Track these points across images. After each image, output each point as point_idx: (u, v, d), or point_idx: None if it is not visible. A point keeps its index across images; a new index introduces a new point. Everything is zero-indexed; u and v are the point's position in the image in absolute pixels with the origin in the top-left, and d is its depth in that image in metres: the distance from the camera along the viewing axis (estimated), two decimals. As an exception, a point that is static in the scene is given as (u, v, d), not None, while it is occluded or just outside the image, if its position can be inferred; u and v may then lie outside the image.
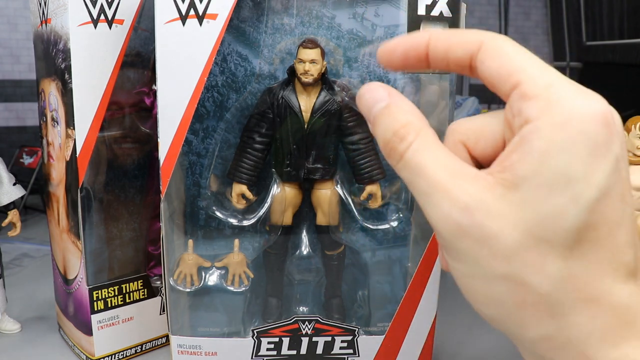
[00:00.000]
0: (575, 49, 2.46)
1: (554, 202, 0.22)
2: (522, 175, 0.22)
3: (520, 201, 0.22)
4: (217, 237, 0.70)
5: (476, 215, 0.23)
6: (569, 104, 0.22)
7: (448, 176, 0.24)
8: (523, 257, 0.22)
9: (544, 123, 0.22)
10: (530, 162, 0.22)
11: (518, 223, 0.22)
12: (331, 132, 0.67)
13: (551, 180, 0.22)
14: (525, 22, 2.68)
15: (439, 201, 0.24)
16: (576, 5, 2.37)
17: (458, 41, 0.26)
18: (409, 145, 0.25)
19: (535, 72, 0.23)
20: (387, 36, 0.66)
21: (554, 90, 0.23)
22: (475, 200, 0.23)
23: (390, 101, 0.27)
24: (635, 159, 0.82)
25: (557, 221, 0.22)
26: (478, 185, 0.23)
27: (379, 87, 0.28)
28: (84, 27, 0.67)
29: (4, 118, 2.05)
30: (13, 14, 2.00)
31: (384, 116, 0.26)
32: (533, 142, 0.22)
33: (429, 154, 0.25)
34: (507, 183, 0.23)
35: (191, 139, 0.67)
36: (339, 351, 0.69)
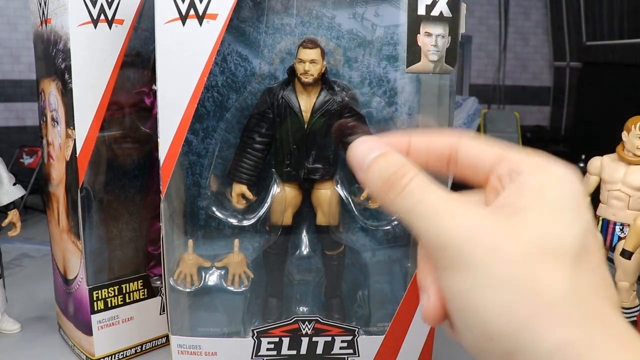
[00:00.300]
0: (575, 49, 2.46)
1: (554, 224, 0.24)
2: (522, 205, 0.25)
3: (523, 223, 0.25)
4: (217, 237, 0.70)
5: (486, 230, 0.25)
6: (553, 165, 0.26)
7: (451, 202, 0.26)
8: (534, 263, 0.24)
9: (538, 172, 0.26)
10: (529, 195, 0.25)
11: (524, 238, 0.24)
12: (331, 132, 0.67)
13: (549, 207, 0.25)
14: (525, 22, 2.68)
15: (448, 219, 0.26)
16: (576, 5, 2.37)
17: (439, 138, 0.30)
18: (412, 179, 0.28)
19: (514, 150, 0.28)
20: (387, 36, 0.66)
21: (537, 157, 0.27)
22: (480, 218, 0.25)
23: (387, 150, 0.29)
24: (635, 159, 0.82)
25: (560, 238, 0.24)
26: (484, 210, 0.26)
27: (370, 140, 0.30)
28: (84, 27, 0.67)
29: (4, 118, 2.05)
30: (13, 14, 1.99)
31: (381, 161, 0.29)
32: (530, 182, 0.26)
33: (431, 187, 0.27)
34: (507, 211, 0.25)
35: (191, 139, 0.67)
36: (339, 351, 0.69)
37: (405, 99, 0.68)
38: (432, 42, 0.61)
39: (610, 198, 0.85)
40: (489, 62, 2.68)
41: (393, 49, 0.66)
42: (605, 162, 0.86)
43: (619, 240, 0.84)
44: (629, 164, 0.83)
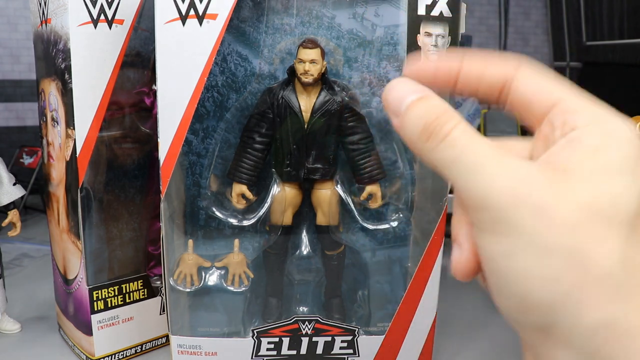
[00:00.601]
0: (575, 49, 2.46)
1: (608, 185, 0.22)
2: (575, 162, 0.23)
3: (574, 182, 0.23)
4: (217, 237, 0.70)
5: (535, 186, 0.23)
6: (614, 121, 0.24)
7: (500, 152, 0.24)
8: (584, 229, 0.22)
9: (595, 128, 0.23)
10: (582, 154, 0.23)
11: (576, 199, 0.22)
12: (331, 132, 0.67)
13: (605, 169, 0.23)
14: (525, 22, 2.68)
15: (493, 172, 0.23)
16: (576, 5, 2.37)
17: (495, 63, 0.27)
18: (454, 126, 0.25)
19: (575, 93, 0.25)
20: (387, 36, 0.66)
21: (597, 108, 0.24)
22: (529, 172, 0.23)
23: (427, 93, 0.27)
24: (635, 159, 0.82)
25: (614, 203, 0.22)
26: (533, 164, 0.24)
27: (411, 82, 0.27)
28: (84, 27, 0.67)
29: (4, 118, 2.05)
30: (13, 14, 1.99)
31: (421, 105, 0.26)
32: (585, 140, 0.23)
33: (476, 137, 0.25)
34: (559, 168, 0.23)
35: (191, 139, 0.67)
36: (339, 351, 0.69)
37: (405, 99, 0.68)
38: (432, 42, 0.61)
39: (610, 198, 0.85)
40: (489, 62, 2.67)
41: (393, 49, 0.66)
42: (605, 162, 0.86)
43: (619, 240, 0.84)
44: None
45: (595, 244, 0.22)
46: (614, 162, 0.23)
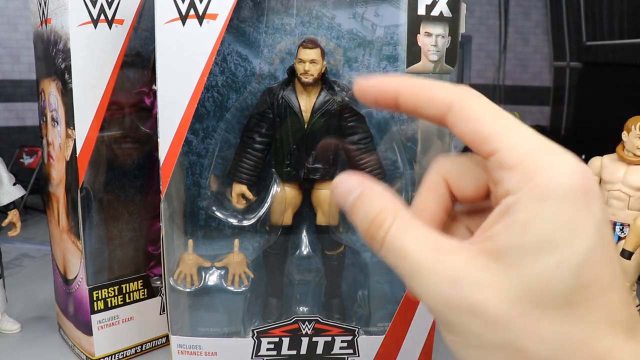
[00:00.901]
0: (575, 49, 2.46)
1: (540, 268, 0.22)
2: (506, 245, 0.23)
3: (505, 270, 0.23)
4: (217, 237, 0.70)
5: (464, 288, 0.23)
6: (547, 174, 0.22)
7: (430, 253, 0.24)
8: (516, 324, 0.22)
9: (525, 195, 0.22)
10: (513, 232, 0.23)
11: (506, 291, 0.22)
12: (331, 132, 0.67)
13: (535, 248, 0.22)
14: (525, 22, 2.68)
15: (426, 279, 0.24)
16: (576, 5, 2.37)
17: (427, 99, 0.26)
18: (387, 230, 0.25)
19: (510, 139, 0.24)
20: (387, 36, 0.66)
21: (531, 159, 0.23)
22: (460, 273, 0.23)
23: (363, 189, 0.27)
24: (635, 159, 0.82)
25: (545, 286, 0.22)
26: (461, 257, 0.24)
27: (349, 178, 0.28)
28: (84, 27, 0.67)
29: (4, 118, 2.05)
30: (13, 14, 2.00)
31: (359, 205, 0.27)
32: (515, 214, 0.22)
33: (408, 235, 0.25)
34: (490, 253, 0.23)
35: (191, 139, 0.67)
36: (339, 351, 0.69)
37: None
38: (432, 42, 0.61)
39: (610, 198, 0.85)
40: (489, 62, 2.68)
41: (393, 49, 0.66)
42: (605, 162, 0.86)
43: (619, 240, 0.84)
44: (629, 164, 0.83)
45: (529, 336, 0.22)
46: (545, 237, 0.22)
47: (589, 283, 0.22)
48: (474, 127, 0.24)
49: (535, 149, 0.23)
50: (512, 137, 0.23)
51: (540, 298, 0.22)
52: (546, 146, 0.23)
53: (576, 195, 0.22)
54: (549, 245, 0.22)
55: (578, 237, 0.22)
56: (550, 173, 0.22)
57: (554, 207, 0.22)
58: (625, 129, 0.83)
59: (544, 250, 0.22)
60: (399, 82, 0.27)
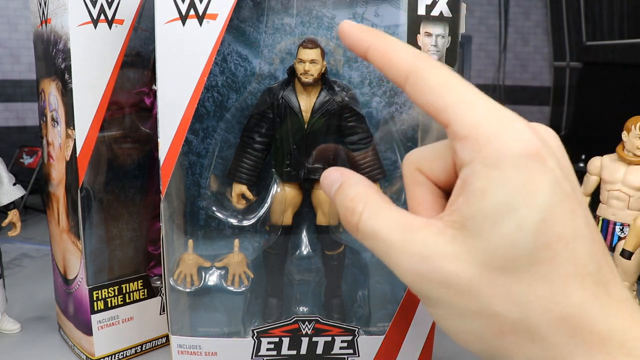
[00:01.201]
0: (575, 49, 2.46)
1: (501, 233, 0.23)
2: (468, 215, 0.23)
3: (470, 239, 0.23)
4: (217, 237, 0.70)
5: (433, 262, 0.24)
6: (496, 143, 0.23)
7: (400, 233, 0.25)
8: (487, 290, 0.23)
9: (478, 165, 0.23)
10: (472, 202, 0.23)
11: (473, 260, 0.23)
12: (331, 132, 0.67)
13: (494, 214, 0.23)
14: (525, 22, 2.68)
15: (399, 258, 0.25)
16: (576, 5, 2.37)
17: (388, 63, 0.27)
18: (360, 215, 0.27)
19: (461, 110, 0.24)
20: (387, 36, 0.66)
21: (481, 129, 0.23)
22: (428, 248, 0.24)
23: (342, 180, 0.29)
24: (635, 159, 0.82)
25: (509, 250, 0.23)
26: (429, 232, 0.25)
27: (333, 171, 0.30)
28: (84, 27, 0.67)
29: (4, 118, 2.05)
30: (13, 14, 2.00)
31: (338, 195, 0.29)
32: (472, 184, 0.23)
33: (379, 218, 0.26)
34: (455, 225, 0.24)
35: (191, 139, 0.67)
36: (339, 351, 0.69)
37: (405, 99, 0.68)
38: (432, 42, 0.61)
39: (610, 198, 0.85)
40: (489, 62, 2.68)
41: (393, 49, 0.66)
42: (605, 162, 0.86)
43: (619, 240, 0.84)
44: (629, 164, 0.83)
45: (500, 301, 0.23)
46: (502, 201, 0.22)
47: (551, 240, 0.22)
48: (430, 100, 0.25)
49: (484, 119, 0.24)
50: (463, 108, 0.24)
51: (506, 262, 0.23)
52: (495, 114, 0.24)
53: (527, 158, 0.22)
54: (507, 209, 0.22)
55: (534, 197, 0.22)
56: (499, 142, 0.23)
57: (507, 172, 0.22)
58: (625, 129, 0.83)
59: (503, 215, 0.22)
60: (371, 38, 0.28)
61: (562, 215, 0.22)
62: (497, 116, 0.24)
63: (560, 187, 0.23)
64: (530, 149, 0.23)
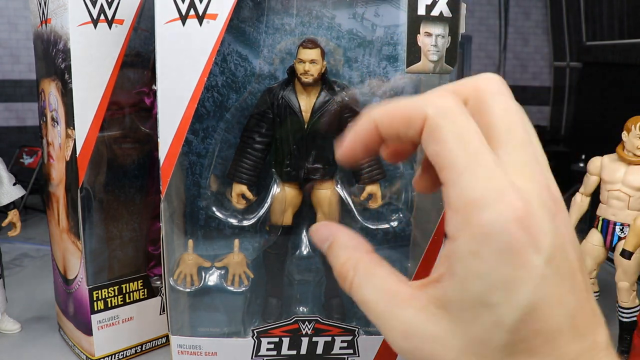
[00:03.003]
0: (575, 49, 2.46)
1: (479, 326, 0.23)
2: (449, 297, 0.24)
3: (450, 322, 0.24)
4: (217, 237, 0.70)
5: (415, 341, 0.24)
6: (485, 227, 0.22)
7: (387, 305, 0.26)
8: None
9: (462, 247, 0.22)
10: (454, 284, 0.23)
11: (452, 343, 0.24)
12: (331, 132, 0.67)
13: (473, 306, 0.23)
14: (525, 22, 2.68)
15: (385, 330, 0.26)
16: (576, 5, 2.37)
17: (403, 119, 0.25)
18: (351, 283, 0.27)
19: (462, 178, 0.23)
20: (387, 36, 0.66)
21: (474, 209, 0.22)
22: (411, 327, 0.25)
23: (332, 239, 0.29)
24: (635, 159, 0.82)
25: (486, 342, 0.23)
26: (413, 309, 0.25)
27: (322, 228, 0.30)
28: (84, 27, 0.67)
29: (4, 118, 2.05)
30: (13, 14, 2.00)
31: (330, 255, 0.29)
32: (454, 265, 0.23)
33: (368, 287, 0.27)
34: (438, 303, 0.24)
35: (191, 139, 0.67)
36: (339, 351, 0.69)
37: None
38: (432, 42, 0.61)
39: (610, 198, 0.85)
40: (489, 62, 2.68)
41: (393, 49, 0.66)
42: (605, 162, 0.86)
43: (619, 240, 0.84)
44: (629, 164, 0.83)
45: None
46: (481, 296, 0.22)
47: (528, 336, 0.22)
48: (438, 151, 0.24)
49: (479, 198, 0.22)
50: (465, 177, 0.23)
51: (482, 351, 0.23)
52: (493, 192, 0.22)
53: (513, 248, 0.21)
54: (486, 305, 0.22)
55: (515, 295, 0.22)
56: (487, 228, 0.22)
57: (490, 263, 0.22)
58: (625, 129, 0.83)
59: (481, 310, 0.22)
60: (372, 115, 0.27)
61: (544, 310, 0.22)
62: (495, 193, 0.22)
63: (545, 281, 0.22)
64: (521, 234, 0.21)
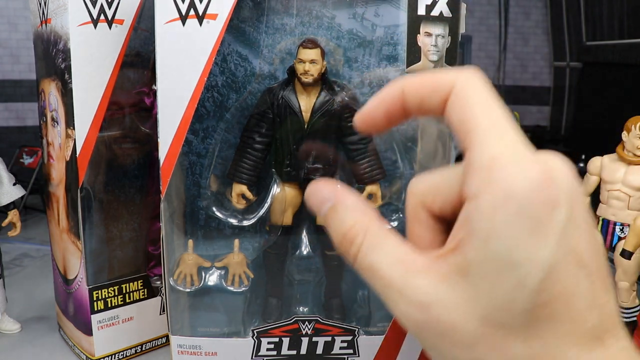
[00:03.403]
0: (575, 49, 2.46)
1: (502, 288, 0.22)
2: (470, 260, 0.23)
3: (472, 289, 0.23)
4: (217, 237, 0.70)
5: (432, 311, 0.23)
6: (508, 179, 0.22)
7: (401, 274, 0.24)
8: (484, 344, 0.23)
9: (485, 202, 0.22)
10: (476, 245, 0.22)
11: (473, 311, 0.23)
12: (331, 132, 0.67)
13: (497, 267, 0.22)
14: (525, 22, 2.68)
15: (397, 300, 0.24)
16: (576, 5, 2.38)
17: (432, 87, 0.25)
18: (359, 247, 0.25)
19: (487, 139, 0.23)
20: (387, 36, 0.66)
21: (497, 164, 0.22)
22: (429, 296, 0.23)
23: (336, 200, 0.27)
24: (635, 159, 0.82)
25: (509, 306, 0.22)
26: (431, 278, 0.24)
27: (324, 187, 0.28)
28: (84, 27, 0.67)
29: (4, 118, 2.05)
30: (13, 14, 2.00)
31: (332, 218, 0.27)
32: (476, 223, 0.22)
33: (379, 252, 0.25)
34: (458, 269, 0.23)
35: (191, 139, 0.67)
36: (339, 351, 0.69)
37: (405, 99, 0.68)
38: (432, 42, 0.61)
39: (610, 198, 0.85)
40: (489, 62, 2.68)
41: (393, 49, 0.66)
42: (605, 162, 0.86)
43: (619, 240, 0.84)
44: (629, 164, 0.83)
45: (495, 355, 0.23)
46: (504, 254, 0.22)
47: (550, 300, 0.22)
48: (464, 117, 0.24)
49: (503, 154, 0.22)
50: (489, 137, 0.23)
51: (503, 318, 0.22)
52: (516, 151, 0.22)
53: (535, 205, 0.21)
54: (508, 263, 0.22)
55: (538, 252, 0.21)
56: (510, 180, 0.22)
57: (513, 217, 0.21)
58: (625, 129, 0.83)
59: (504, 269, 0.22)
60: (401, 82, 0.26)
61: (565, 271, 0.22)
62: (520, 152, 0.22)
63: (567, 237, 0.22)
64: (543, 193, 0.21)
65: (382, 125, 0.28)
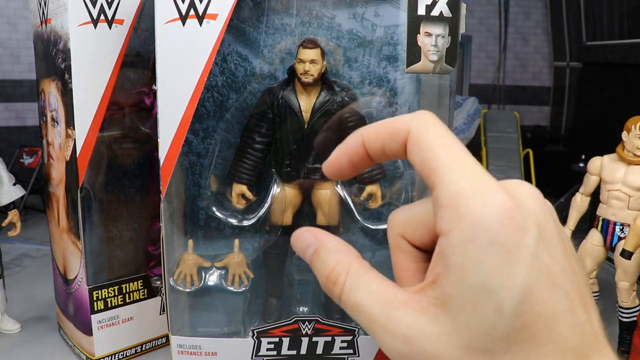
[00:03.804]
0: (575, 49, 2.46)
1: (481, 316, 0.23)
2: (448, 293, 0.23)
3: (452, 319, 0.23)
4: (217, 237, 0.70)
5: (416, 343, 0.24)
6: (474, 212, 0.22)
7: (383, 309, 0.25)
8: None
9: (455, 237, 0.23)
10: (452, 279, 0.23)
11: (456, 341, 0.23)
12: (331, 133, 0.67)
13: (473, 297, 0.23)
14: (525, 22, 2.68)
15: (381, 334, 0.25)
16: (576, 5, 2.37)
17: (389, 132, 0.26)
18: (342, 287, 0.26)
19: (448, 176, 0.24)
20: (387, 36, 0.66)
21: (461, 199, 0.23)
22: (411, 329, 0.24)
23: (318, 244, 0.28)
24: (635, 159, 0.82)
25: (489, 332, 0.23)
26: (412, 311, 0.24)
27: (306, 233, 0.29)
28: (84, 27, 0.67)
29: (4, 118, 2.05)
30: (13, 14, 2.00)
31: (316, 260, 0.28)
32: (449, 258, 0.23)
33: (361, 290, 0.26)
34: (437, 302, 0.24)
35: (191, 139, 0.67)
36: (339, 351, 0.69)
37: (405, 99, 0.68)
38: (432, 42, 0.61)
39: (610, 198, 0.85)
40: (489, 62, 2.68)
41: (393, 49, 0.66)
42: (605, 162, 0.86)
43: (619, 240, 0.84)
44: (629, 164, 0.83)
45: None
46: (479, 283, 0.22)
47: (529, 322, 0.22)
48: (424, 158, 0.25)
49: (466, 188, 0.23)
50: (450, 174, 0.24)
51: (485, 344, 0.23)
52: (478, 184, 0.23)
53: (504, 233, 0.22)
54: (484, 292, 0.22)
55: (512, 276, 0.22)
56: (476, 214, 0.22)
57: (483, 251, 0.22)
58: (625, 129, 0.83)
59: (481, 298, 0.22)
60: (360, 131, 0.28)
61: (541, 292, 0.22)
62: (480, 185, 0.23)
63: (538, 260, 0.22)
64: (510, 221, 0.22)
65: (349, 172, 0.29)
